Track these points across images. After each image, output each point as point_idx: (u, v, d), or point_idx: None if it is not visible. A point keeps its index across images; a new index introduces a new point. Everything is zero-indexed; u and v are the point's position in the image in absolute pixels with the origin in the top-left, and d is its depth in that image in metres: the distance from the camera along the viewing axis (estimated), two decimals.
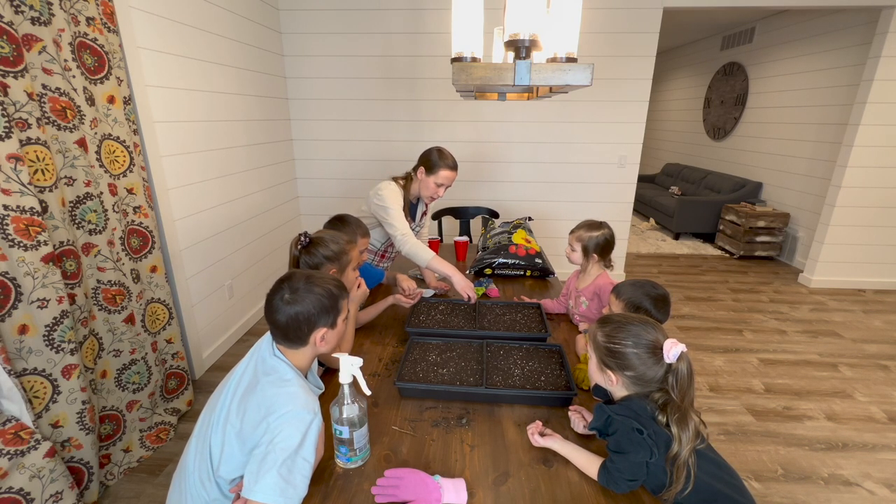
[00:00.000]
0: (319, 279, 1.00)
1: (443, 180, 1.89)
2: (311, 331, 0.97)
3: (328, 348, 1.02)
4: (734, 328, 3.07)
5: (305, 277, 1.00)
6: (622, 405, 0.91)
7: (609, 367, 0.92)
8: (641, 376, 0.89)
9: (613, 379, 0.92)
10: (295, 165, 3.66)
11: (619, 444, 0.88)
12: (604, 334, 0.93)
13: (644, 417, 0.87)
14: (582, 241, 1.55)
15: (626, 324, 0.92)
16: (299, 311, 0.95)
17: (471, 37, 1.04)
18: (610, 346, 0.91)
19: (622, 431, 0.87)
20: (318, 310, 0.97)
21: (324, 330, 0.98)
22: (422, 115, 3.51)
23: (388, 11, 3.26)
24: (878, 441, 2.01)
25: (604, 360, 0.93)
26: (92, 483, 1.61)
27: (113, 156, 1.73)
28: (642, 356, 0.88)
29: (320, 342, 0.99)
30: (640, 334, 0.89)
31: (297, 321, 0.95)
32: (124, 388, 1.83)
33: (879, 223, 3.60)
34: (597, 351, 0.95)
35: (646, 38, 3.27)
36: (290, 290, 0.97)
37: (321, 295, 0.97)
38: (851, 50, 3.70)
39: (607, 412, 0.91)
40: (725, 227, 4.72)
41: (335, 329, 1.02)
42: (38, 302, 1.41)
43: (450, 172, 1.89)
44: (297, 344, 0.98)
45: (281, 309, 0.95)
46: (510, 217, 3.02)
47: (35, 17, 1.41)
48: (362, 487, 0.92)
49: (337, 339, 1.05)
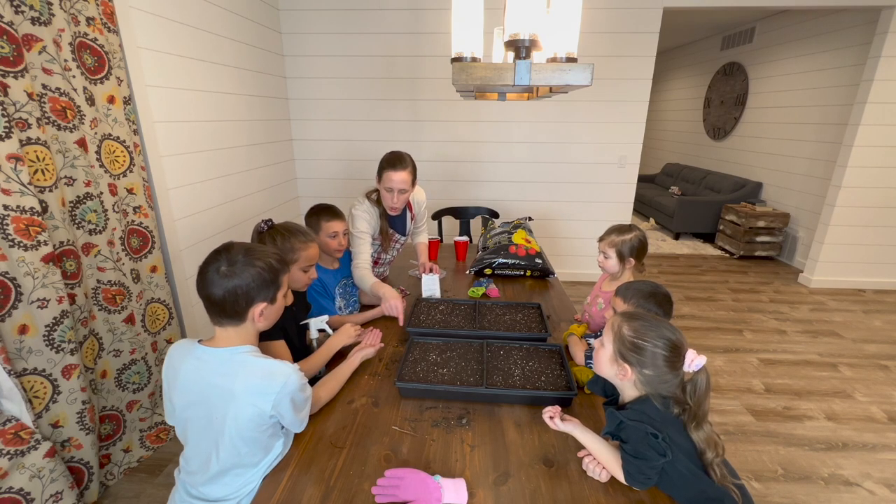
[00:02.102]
0: (260, 252, 0.97)
1: (390, 184, 1.72)
2: (248, 306, 0.94)
3: (266, 324, 1.01)
4: (734, 328, 3.07)
5: (245, 250, 0.96)
6: (635, 410, 0.90)
7: (627, 361, 0.91)
8: (655, 378, 0.89)
9: (628, 373, 0.91)
10: (295, 165, 3.66)
11: (637, 449, 0.87)
12: (632, 329, 0.91)
13: (658, 421, 0.87)
14: (615, 246, 1.50)
15: (657, 324, 0.91)
16: (237, 284, 0.91)
17: (471, 37, 1.04)
18: (636, 342, 0.90)
19: (637, 437, 0.87)
20: (257, 284, 0.93)
21: (262, 305, 0.96)
22: (422, 115, 3.51)
23: (388, 11, 3.26)
24: (878, 441, 2.01)
25: (624, 353, 0.91)
26: (92, 483, 1.61)
27: (113, 156, 1.73)
28: (664, 359, 0.88)
29: (259, 318, 0.97)
30: (669, 338, 0.89)
31: (235, 295, 0.92)
32: (124, 388, 1.83)
33: (879, 223, 3.60)
34: (619, 342, 0.92)
35: (646, 38, 3.27)
36: (228, 262, 0.93)
37: (261, 268, 0.94)
38: (851, 50, 3.70)
39: (620, 418, 0.90)
40: (725, 227, 4.72)
41: (275, 305, 1.00)
42: (38, 302, 1.41)
43: (393, 173, 1.71)
44: (234, 320, 0.95)
45: (216, 282, 0.91)
46: (510, 217, 3.02)
47: (35, 17, 1.40)
48: (362, 487, 0.92)
49: (276, 315, 1.03)
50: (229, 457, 0.95)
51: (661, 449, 0.85)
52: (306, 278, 1.37)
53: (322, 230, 1.61)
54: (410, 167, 1.77)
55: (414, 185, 1.83)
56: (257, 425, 0.93)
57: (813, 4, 3.27)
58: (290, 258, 1.31)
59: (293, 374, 0.95)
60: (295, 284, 1.37)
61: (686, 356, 0.87)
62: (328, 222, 1.62)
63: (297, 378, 0.95)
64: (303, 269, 1.34)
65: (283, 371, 0.94)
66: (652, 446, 0.86)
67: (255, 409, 0.91)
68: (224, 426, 0.92)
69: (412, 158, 1.81)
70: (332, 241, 1.64)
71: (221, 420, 0.92)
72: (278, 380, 0.93)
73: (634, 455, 0.88)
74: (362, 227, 1.81)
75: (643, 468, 0.87)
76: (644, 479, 0.88)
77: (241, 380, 0.92)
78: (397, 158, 1.75)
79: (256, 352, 0.98)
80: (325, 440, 1.05)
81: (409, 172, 1.76)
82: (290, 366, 0.96)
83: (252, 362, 0.94)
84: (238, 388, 0.91)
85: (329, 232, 1.62)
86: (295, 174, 3.67)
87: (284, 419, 0.97)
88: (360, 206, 1.84)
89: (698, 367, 0.87)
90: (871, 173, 3.45)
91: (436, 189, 3.66)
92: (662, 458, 0.85)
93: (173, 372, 0.98)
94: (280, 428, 1.02)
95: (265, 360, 0.96)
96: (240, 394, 0.91)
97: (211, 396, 0.93)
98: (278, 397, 0.92)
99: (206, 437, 0.96)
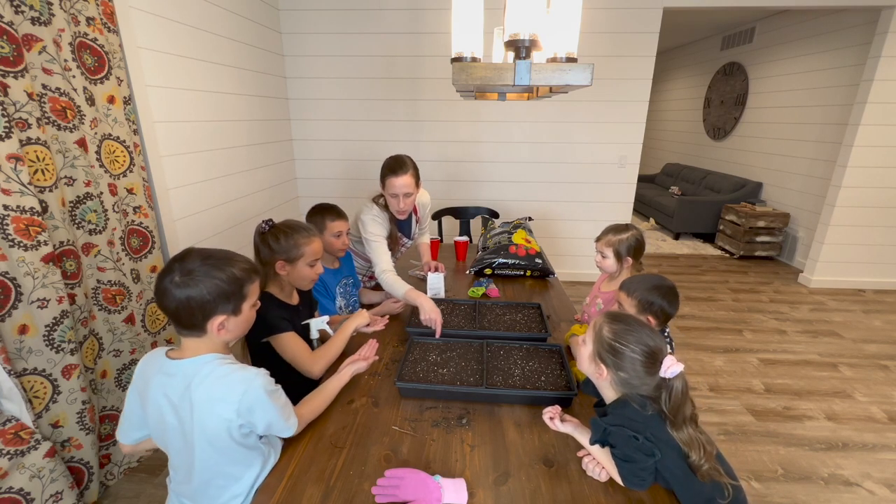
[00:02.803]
0: (222, 260, 0.91)
1: (394, 190, 1.72)
2: (206, 318, 0.88)
3: (231, 337, 0.95)
4: (734, 328, 3.07)
5: (203, 257, 0.89)
6: (614, 415, 0.91)
7: (604, 362, 0.92)
8: (630, 381, 0.90)
9: (604, 373, 0.93)
10: (295, 165, 3.66)
11: (625, 453, 0.88)
12: (611, 331, 0.92)
13: (637, 422, 0.88)
14: (612, 245, 1.50)
15: (636, 329, 0.91)
16: (191, 295, 0.85)
17: (471, 37, 1.04)
18: (613, 344, 0.91)
19: (622, 442, 0.88)
20: (214, 295, 0.87)
21: (222, 317, 0.89)
22: (422, 115, 3.51)
23: (388, 11, 3.26)
24: (878, 441, 2.01)
25: (601, 353, 0.93)
26: (92, 483, 1.61)
27: (113, 156, 1.73)
28: (640, 364, 0.89)
29: (219, 330, 0.90)
30: (647, 343, 0.89)
31: (189, 307, 0.86)
32: (124, 388, 1.83)
33: (879, 223, 3.60)
34: (598, 343, 0.94)
35: (646, 38, 3.27)
36: (182, 271, 0.86)
37: (220, 279, 0.88)
38: (851, 50, 3.70)
39: (603, 425, 0.91)
40: (725, 227, 4.72)
41: (239, 316, 0.93)
42: (38, 302, 1.41)
43: (395, 179, 1.70)
44: (192, 331, 0.90)
45: (169, 292, 0.85)
46: (510, 217, 3.02)
47: (35, 17, 1.40)
48: (362, 487, 0.92)
49: (244, 326, 0.97)
50: (206, 468, 0.93)
51: (647, 450, 0.85)
52: (313, 273, 1.37)
53: (327, 229, 1.62)
54: (412, 170, 1.75)
55: (418, 186, 1.81)
56: (228, 435, 0.89)
57: (813, 4, 3.27)
58: (296, 254, 1.32)
59: (256, 378, 0.90)
60: (302, 281, 1.37)
61: (664, 363, 0.87)
62: (333, 222, 1.63)
63: (261, 382, 0.90)
64: (309, 265, 1.35)
65: (245, 377, 0.89)
66: (638, 448, 0.86)
67: (219, 418, 0.87)
68: (194, 437, 0.89)
69: (412, 160, 1.79)
70: (337, 240, 1.64)
71: (191, 432, 0.89)
72: (239, 387, 0.88)
73: (624, 459, 0.88)
74: (377, 231, 1.77)
75: (635, 471, 0.88)
76: (639, 482, 0.88)
77: (203, 389, 0.87)
78: (397, 163, 1.73)
79: (222, 359, 0.92)
80: (325, 440, 1.05)
81: (412, 175, 1.74)
82: (255, 371, 0.91)
83: (215, 371, 0.89)
84: (199, 398, 0.87)
85: (334, 231, 1.63)
86: (295, 174, 3.67)
87: (258, 427, 0.92)
88: (370, 210, 1.81)
89: (674, 374, 0.86)
90: (871, 173, 3.45)
91: (436, 189, 3.65)
92: (651, 458, 0.86)
93: (144, 384, 0.94)
94: (259, 439, 0.97)
95: (229, 367, 0.90)
96: (202, 403, 0.87)
97: (180, 409, 0.89)
98: (241, 405, 0.87)
99: (183, 449, 0.93)
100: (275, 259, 1.31)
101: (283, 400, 0.97)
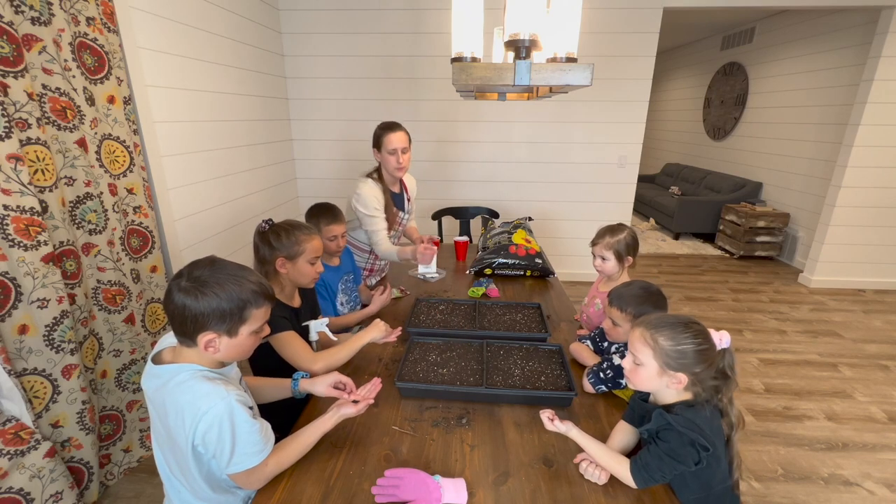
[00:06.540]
0: (231, 277, 0.86)
1: (393, 144, 1.85)
2: (196, 331, 0.84)
3: (222, 357, 0.90)
4: (734, 328, 3.07)
5: (215, 270, 0.86)
6: (686, 418, 0.88)
7: (678, 370, 0.89)
8: (702, 374, 0.90)
9: (683, 379, 0.90)
10: (295, 165, 3.66)
11: (674, 450, 0.87)
12: (667, 338, 0.90)
13: (708, 433, 0.87)
14: (612, 247, 1.49)
15: (675, 323, 0.91)
16: (188, 304, 0.82)
17: (471, 37, 1.04)
18: (679, 349, 0.89)
19: (681, 441, 0.87)
20: (210, 311, 0.83)
21: (213, 335, 0.85)
22: (422, 115, 3.51)
23: (388, 11, 3.26)
24: (878, 441, 2.01)
25: (670, 364, 0.89)
26: (92, 483, 1.61)
27: (113, 156, 1.73)
28: (703, 350, 0.89)
29: (206, 346, 0.86)
30: (694, 329, 0.90)
31: (183, 315, 0.83)
32: (124, 388, 1.83)
33: (879, 223, 3.60)
34: (662, 356, 0.90)
35: (646, 38, 3.27)
36: (190, 277, 0.84)
37: (220, 296, 0.84)
38: (851, 50, 3.70)
39: (667, 419, 0.89)
40: (725, 227, 4.72)
41: (234, 339, 0.88)
42: (38, 302, 1.41)
43: (393, 134, 1.84)
44: (183, 338, 0.87)
45: (172, 295, 0.83)
46: (510, 217, 3.01)
47: (35, 17, 1.40)
48: (362, 487, 0.92)
49: (238, 352, 0.91)
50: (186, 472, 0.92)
51: (698, 458, 0.86)
52: (313, 271, 1.37)
53: (322, 233, 1.61)
54: (404, 129, 1.90)
55: (410, 143, 1.94)
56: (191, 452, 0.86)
57: (813, 4, 3.27)
58: (296, 251, 1.32)
59: (220, 402, 0.82)
60: (303, 279, 1.37)
61: (714, 337, 0.91)
62: (328, 226, 1.63)
63: (223, 407, 0.82)
64: (310, 262, 1.35)
65: (210, 399, 0.83)
66: (690, 455, 0.86)
67: (182, 432, 0.84)
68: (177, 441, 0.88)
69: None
70: (332, 243, 1.64)
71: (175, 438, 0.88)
72: (201, 406, 0.82)
73: (668, 454, 0.87)
74: (374, 205, 1.84)
75: (666, 468, 0.87)
76: (659, 477, 0.88)
77: (173, 398, 0.86)
78: (390, 123, 1.87)
79: (199, 373, 0.87)
80: (325, 440, 1.05)
81: (405, 132, 1.89)
82: (222, 393, 0.84)
83: (186, 382, 0.85)
84: (170, 405, 0.85)
85: (328, 235, 1.63)
86: (295, 174, 3.67)
87: (214, 456, 0.85)
88: (365, 184, 1.86)
89: (728, 342, 0.91)
90: (871, 173, 3.45)
91: (436, 189, 3.66)
92: (695, 466, 0.86)
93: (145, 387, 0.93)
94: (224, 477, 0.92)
95: (200, 384, 0.85)
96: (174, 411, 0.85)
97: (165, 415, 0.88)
98: (199, 427, 0.82)
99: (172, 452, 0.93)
100: (275, 256, 1.31)
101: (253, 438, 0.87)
